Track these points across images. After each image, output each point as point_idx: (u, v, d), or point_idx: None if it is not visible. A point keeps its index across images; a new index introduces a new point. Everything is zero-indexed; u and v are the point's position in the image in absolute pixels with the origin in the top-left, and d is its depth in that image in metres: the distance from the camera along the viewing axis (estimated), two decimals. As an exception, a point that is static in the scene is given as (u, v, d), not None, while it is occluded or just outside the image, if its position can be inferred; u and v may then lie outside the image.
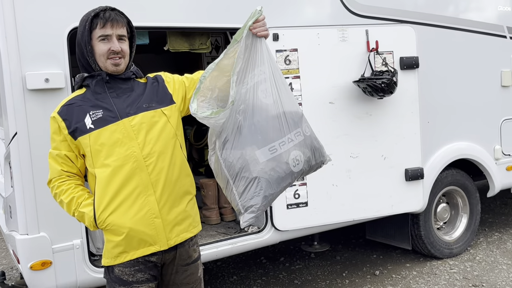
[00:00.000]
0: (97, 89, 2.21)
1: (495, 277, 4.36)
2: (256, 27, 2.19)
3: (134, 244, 2.18)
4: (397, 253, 5.10)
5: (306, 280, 4.60)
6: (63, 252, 3.09)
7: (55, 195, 2.26)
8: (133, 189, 2.15)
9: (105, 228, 2.19)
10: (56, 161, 2.24)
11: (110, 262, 2.22)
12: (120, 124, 2.17)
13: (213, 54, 5.51)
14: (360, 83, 3.81)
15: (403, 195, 4.11)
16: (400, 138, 4.06)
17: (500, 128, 4.98)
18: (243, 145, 2.14)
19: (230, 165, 2.15)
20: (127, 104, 2.21)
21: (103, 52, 2.17)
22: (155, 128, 2.22)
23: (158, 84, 2.33)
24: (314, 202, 3.83)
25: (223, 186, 2.25)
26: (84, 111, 2.19)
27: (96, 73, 2.21)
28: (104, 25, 2.15)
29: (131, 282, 2.21)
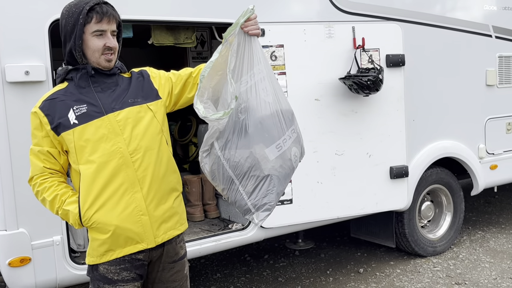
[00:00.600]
0: (81, 83, 2.18)
1: (477, 275, 4.43)
2: (247, 25, 2.18)
3: (121, 242, 2.16)
4: (381, 251, 5.15)
5: (290, 277, 4.63)
6: (42, 249, 3.06)
7: (37, 193, 2.22)
8: (119, 185, 2.13)
9: (90, 226, 2.16)
10: (38, 157, 2.20)
11: (96, 260, 2.19)
12: (105, 119, 2.15)
13: (198, 49, 5.50)
14: (346, 80, 3.83)
15: (387, 193, 4.15)
16: (385, 136, 4.10)
17: (485, 127, 5.05)
18: (250, 144, 2.15)
19: (236, 165, 2.15)
20: (112, 99, 2.19)
21: (98, 47, 2.14)
22: (141, 123, 2.20)
23: (144, 79, 2.31)
24: (298, 199, 3.85)
25: (224, 187, 2.22)
26: (67, 106, 2.15)
27: (81, 66, 2.17)
28: (101, 20, 2.12)
29: (116, 280, 2.19)
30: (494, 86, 5.09)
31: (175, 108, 2.42)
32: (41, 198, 2.21)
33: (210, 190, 4.59)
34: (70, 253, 3.20)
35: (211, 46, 5.58)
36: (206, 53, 5.55)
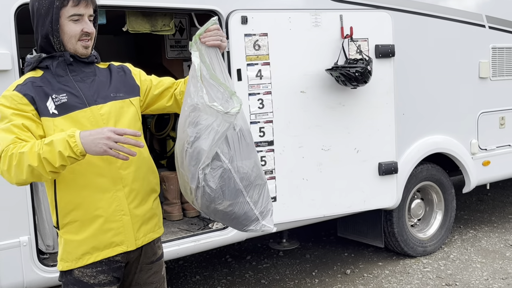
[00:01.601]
0: (58, 71, 2.13)
1: (468, 276, 4.52)
2: (205, 36, 2.19)
3: (100, 244, 2.14)
4: (369, 251, 5.21)
5: (274, 279, 4.66)
6: (8, 250, 3.03)
7: (10, 158, 1.96)
8: (102, 183, 2.12)
9: (67, 224, 2.13)
10: (10, 131, 2.00)
11: (71, 265, 2.15)
12: (87, 112, 2.12)
13: (176, 37, 5.46)
14: (333, 71, 3.86)
15: (376, 190, 4.20)
16: (374, 130, 4.14)
17: (477, 121, 5.13)
18: (251, 153, 2.26)
19: (244, 176, 2.22)
20: (93, 90, 2.17)
21: (76, 33, 2.11)
22: (124, 119, 2.20)
23: (125, 74, 2.31)
24: (283, 197, 3.87)
25: (231, 203, 2.22)
26: (45, 94, 2.09)
27: (58, 53, 2.13)
28: (78, 3, 2.08)
29: (92, 284, 2.16)
30: (487, 78, 5.17)
31: (144, 111, 2.41)
32: (17, 159, 1.94)
33: (189, 187, 4.58)
34: (39, 254, 3.17)
35: (191, 33, 5.56)
36: (185, 41, 5.53)
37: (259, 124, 3.76)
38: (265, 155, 3.79)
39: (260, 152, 3.77)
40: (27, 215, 3.09)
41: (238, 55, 3.65)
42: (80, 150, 1.93)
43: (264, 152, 3.78)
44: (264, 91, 3.74)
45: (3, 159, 1.98)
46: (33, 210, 3.13)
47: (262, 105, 3.75)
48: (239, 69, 3.65)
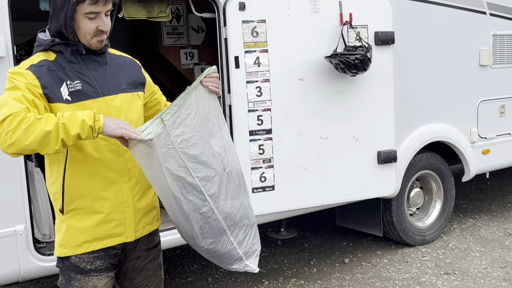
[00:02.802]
0: (71, 58, 2.14)
1: (467, 265, 4.54)
2: (207, 80, 2.22)
3: (100, 235, 2.18)
4: (367, 240, 5.23)
5: (272, 268, 4.68)
6: (4, 239, 3.04)
7: (19, 122, 1.91)
8: (109, 174, 2.16)
9: (73, 210, 2.15)
10: (20, 101, 1.97)
11: (69, 252, 2.18)
12: (101, 101, 2.14)
13: (173, 24, 5.44)
14: (332, 59, 3.84)
15: (375, 179, 4.21)
16: (373, 119, 4.14)
17: (477, 109, 5.13)
18: (239, 195, 2.32)
19: (228, 216, 2.27)
20: (106, 80, 2.19)
21: (90, 30, 2.11)
22: (132, 112, 2.24)
23: (135, 68, 2.36)
24: (281, 185, 3.87)
25: (213, 241, 2.25)
26: (60, 79, 2.09)
27: (71, 42, 2.12)
28: (97, 2, 2.05)
29: (89, 270, 2.20)
30: (488, 66, 5.16)
31: None
32: (28, 123, 1.90)
33: (187, 176, 4.58)
34: (35, 243, 3.18)
35: (188, 21, 5.54)
36: (182, 28, 5.50)
37: (257, 112, 3.76)
38: (263, 143, 3.79)
39: (258, 141, 3.77)
40: (23, 204, 3.09)
41: (236, 42, 3.63)
42: (100, 126, 1.97)
43: (262, 140, 3.78)
44: (262, 78, 3.73)
45: (10, 121, 1.92)
46: (29, 199, 3.13)
47: (260, 93, 3.74)
48: (236, 56, 3.64)
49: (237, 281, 4.44)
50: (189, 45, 5.53)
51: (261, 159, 3.80)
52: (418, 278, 4.32)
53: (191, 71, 5.58)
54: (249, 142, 3.75)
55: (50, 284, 4.51)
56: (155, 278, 2.40)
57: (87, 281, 2.19)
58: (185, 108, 2.13)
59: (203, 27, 5.62)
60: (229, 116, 3.71)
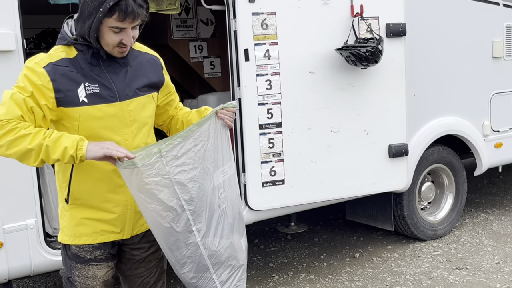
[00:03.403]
0: (92, 60, 2.13)
1: (479, 260, 4.52)
2: (224, 113, 2.24)
3: (99, 231, 2.22)
4: (378, 234, 5.22)
5: (282, 263, 4.68)
6: (15, 233, 3.06)
7: (9, 131, 1.96)
8: (115, 178, 2.17)
9: (76, 201, 2.18)
10: (19, 105, 1.99)
11: (68, 240, 2.23)
12: (117, 106, 2.15)
13: (182, 17, 5.43)
14: (343, 51, 3.82)
15: (386, 173, 4.19)
16: (384, 112, 4.11)
17: (490, 102, 5.09)
18: (231, 233, 2.30)
19: (214, 254, 2.25)
20: (125, 83, 2.18)
21: (114, 43, 2.09)
22: (144, 113, 2.25)
23: (157, 69, 2.35)
24: (291, 179, 3.87)
25: (195, 276, 2.25)
26: (78, 80, 2.08)
27: (94, 46, 2.10)
28: (124, 20, 2.03)
29: (89, 259, 2.25)
30: (501, 58, 5.11)
31: None
32: (16, 136, 1.96)
33: (196, 170, 4.59)
34: (45, 237, 3.20)
35: (197, 13, 5.53)
36: (191, 21, 5.50)
37: (267, 106, 3.75)
38: (273, 137, 3.78)
39: (268, 134, 3.76)
40: (34, 198, 3.12)
41: (246, 34, 3.62)
42: (82, 154, 2.00)
43: (272, 134, 3.77)
44: (272, 71, 3.72)
45: (1, 127, 1.97)
46: (39, 193, 3.15)
47: (270, 86, 3.73)
48: (246, 49, 3.63)
49: (247, 276, 4.44)
50: (198, 38, 5.53)
51: (271, 153, 3.80)
52: (430, 273, 4.30)
53: (200, 64, 5.58)
54: (259, 136, 3.74)
55: (60, 278, 4.54)
56: (157, 269, 2.43)
57: (87, 270, 2.25)
58: (192, 139, 2.13)
59: (212, 19, 5.61)
60: (239, 109, 3.70)
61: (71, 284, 2.28)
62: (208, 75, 5.63)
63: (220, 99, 4.77)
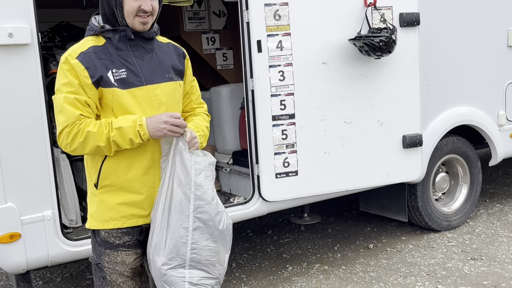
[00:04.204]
0: (119, 45, 2.25)
1: (495, 250, 4.50)
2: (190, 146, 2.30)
3: (128, 215, 2.30)
4: (392, 225, 5.21)
5: (296, 254, 4.70)
6: (33, 224, 3.11)
7: (75, 135, 2.15)
8: (148, 160, 2.29)
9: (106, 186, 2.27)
10: (74, 105, 2.16)
11: (98, 225, 2.31)
12: (144, 89, 2.26)
13: (195, 9, 5.43)
14: (356, 41, 3.81)
15: (400, 164, 4.18)
16: (398, 102, 4.10)
17: (505, 92, 5.04)
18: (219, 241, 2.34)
19: (196, 250, 2.25)
20: (151, 69, 2.29)
21: (133, 9, 2.21)
22: (174, 101, 2.36)
23: (180, 58, 2.46)
24: (304, 171, 3.87)
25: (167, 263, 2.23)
26: (106, 66, 2.21)
27: (120, 28, 2.24)
28: None
29: (118, 245, 2.32)
30: (516, 47, 5.06)
31: None
32: (83, 137, 2.14)
33: (210, 161, 4.62)
34: (62, 229, 3.25)
35: (209, 5, 5.53)
36: (203, 13, 5.50)
37: (280, 97, 3.75)
38: (286, 128, 3.79)
39: (281, 126, 3.77)
40: (50, 190, 3.16)
41: (258, 26, 3.62)
42: (147, 137, 2.19)
43: (285, 125, 3.78)
44: (285, 62, 3.71)
45: (67, 134, 2.15)
46: (55, 185, 3.19)
47: (283, 77, 3.73)
48: (259, 40, 3.63)
49: (261, 267, 4.48)
50: (210, 30, 5.53)
51: (284, 144, 3.81)
52: (444, 263, 4.29)
53: (212, 56, 5.59)
54: (272, 127, 3.75)
55: (77, 269, 4.61)
56: None
57: (116, 255, 2.32)
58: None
59: (225, 11, 5.61)
60: (252, 101, 3.71)
61: (100, 270, 2.34)
62: (220, 67, 5.64)
63: (233, 91, 4.78)
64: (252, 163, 3.82)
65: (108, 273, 2.32)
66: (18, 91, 3.01)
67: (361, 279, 4.12)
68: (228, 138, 4.81)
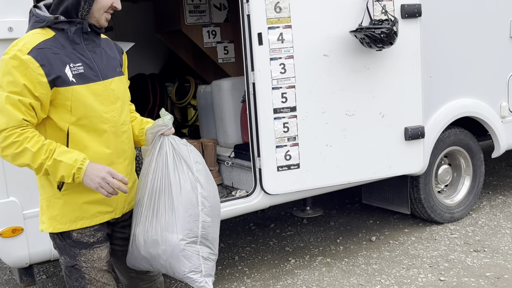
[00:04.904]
0: (75, 38, 2.18)
1: (497, 242, 4.50)
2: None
3: (95, 212, 2.30)
4: (394, 218, 5.21)
5: (298, 247, 4.71)
6: (35, 218, 3.09)
7: (11, 144, 2.06)
8: (108, 155, 2.27)
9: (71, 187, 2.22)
10: (17, 108, 2.05)
11: (63, 228, 2.26)
12: (101, 85, 2.23)
13: (195, 2, 5.42)
14: (357, 33, 3.79)
15: (402, 156, 4.17)
16: (400, 94, 4.08)
17: (508, 83, 5.02)
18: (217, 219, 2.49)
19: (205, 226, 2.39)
20: (104, 63, 2.28)
21: (107, 5, 2.22)
22: (126, 95, 2.42)
23: (118, 53, 2.47)
24: (306, 163, 3.87)
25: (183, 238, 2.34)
26: (63, 61, 2.13)
27: (77, 20, 2.17)
28: None
29: (93, 243, 2.31)
30: (519, 38, 5.03)
31: None
32: (18, 150, 2.06)
33: (212, 155, 4.62)
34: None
35: (210, -1, 5.51)
36: (204, 6, 5.49)
37: (281, 90, 3.74)
38: (287, 121, 3.78)
39: (283, 119, 3.76)
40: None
41: (259, 18, 3.61)
42: (80, 181, 2.14)
43: (286, 118, 3.77)
44: (286, 55, 3.70)
45: (5, 138, 2.07)
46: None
47: (284, 70, 3.72)
48: (259, 33, 3.61)
49: (264, 260, 4.49)
50: (211, 23, 5.52)
51: (286, 137, 3.80)
52: (447, 255, 4.29)
53: (213, 49, 5.58)
54: (274, 120, 3.75)
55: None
56: None
57: (92, 254, 2.31)
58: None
59: (226, 4, 5.59)
60: (253, 94, 3.71)
61: (77, 271, 2.31)
62: (221, 60, 5.63)
63: (234, 84, 4.78)
64: (253, 156, 3.82)
65: (87, 272, 2.31)
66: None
67: (363, 271, 4.12)
68: (229, 132, 4.81)
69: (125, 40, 3.45)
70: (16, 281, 3.97)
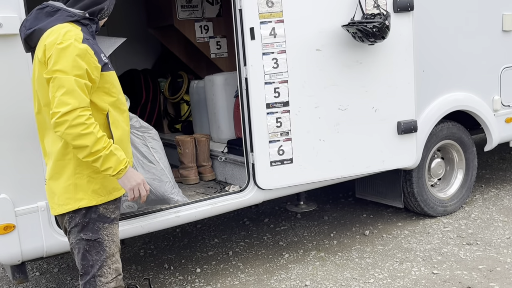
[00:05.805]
0: (94, 34, 2.52)
1: (490, 235, 4.52)
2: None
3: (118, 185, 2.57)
4: (388, 212, 5.23)
5: (292, 241, 4.72)
6: (27, 215, 3.10)
7: (81, 124, 2.28)
8: (128, 132, 2.65)
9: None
10: (84, 91, 2.33)
11: (104, 199, 2.49)
12: (115, 74, 2.60)
13: (187, -3, 5.38)
14: (349, 27, 3.79)
15: (395, 150, 4.18)
16: (393, 88, 4.08)
17: (500, 77, 5.03)
18: None
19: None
20: None
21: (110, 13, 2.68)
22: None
23: None
24: (299, 158, 3.87)
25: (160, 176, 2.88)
26: (99, 51, 2.46)
27: (96, 19, 2.54)
28: None
29: (113, 219, 2.56)
30: (511, 32, 5.04)
31: None
32: (85, 132, 2.28)
33: (205, 151, 4.61)
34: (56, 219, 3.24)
35: (202, -7, 5.48)
36: (196, 0, 5.46)
37: (274, 85, 3.73)
38: (280, 116, 3.78)
39: (276, 114, 3.76)
40: (43, 181, 3.14)
41: (251, 13, 3.60)
42: (119, 176, 2.41)
43: (279, 113, 3.77)
44: (279, 50, 3.70)
45: (77, 117, 2.27)
46: (49, 175, 3.18)
47: (276, 65, 3.71)
48: (252, 27, 3.60)
49: (258, 254, 4.49)
50: (203, 18, 5.49)
51: (279, 132, 3.80)
52: (440, 249, 4.31)
53: (206, 45, 5.55)
54: (266, 115, 3.74)
55: (73, 260, 4.61)
56: None
57: (112, 228, 2.55)
58: None
59: (218, -1, 5.57)
60: (246, 89, 3.70)
61: (99, 244, 2.50)
62: (214, 55, 5.61)
63: (227, 79, 4.76)
64: (246, 152, 3.81)
65: (108, 246, 2.52)
66: (8, 81, 2.98)
67: (357, 265, 4.14)
68: (222, 127, 4.80)
69: (117, 35, 3.42)
70: (9, 278, 3.96)
